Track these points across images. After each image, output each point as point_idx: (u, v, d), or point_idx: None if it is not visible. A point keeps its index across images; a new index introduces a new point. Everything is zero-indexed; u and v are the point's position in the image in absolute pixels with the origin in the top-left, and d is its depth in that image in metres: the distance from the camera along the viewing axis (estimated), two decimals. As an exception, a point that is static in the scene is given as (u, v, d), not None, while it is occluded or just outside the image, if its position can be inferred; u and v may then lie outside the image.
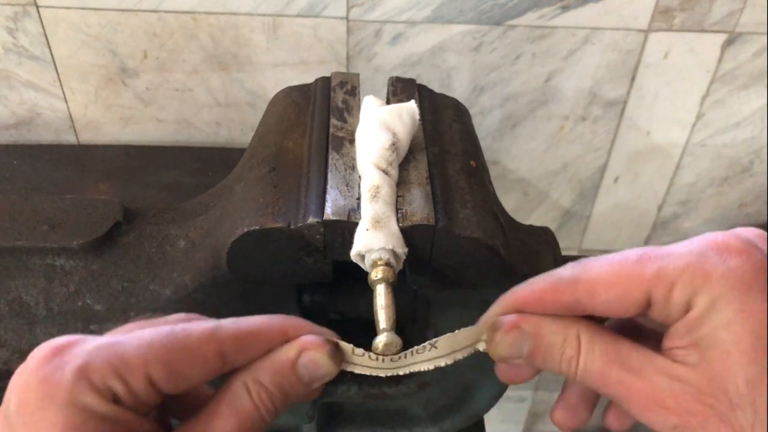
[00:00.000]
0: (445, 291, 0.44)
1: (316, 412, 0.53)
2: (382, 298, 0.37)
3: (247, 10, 0.72)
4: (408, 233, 0.39)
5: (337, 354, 0.34)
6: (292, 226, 0.40)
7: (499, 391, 0.52)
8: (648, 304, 0.32)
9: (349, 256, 0.39)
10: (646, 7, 0.74)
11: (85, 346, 0.30)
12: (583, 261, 0.34)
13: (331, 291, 0.49)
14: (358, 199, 0.40)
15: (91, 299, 0.46)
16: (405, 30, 0.74)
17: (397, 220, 0.39)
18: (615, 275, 0.32)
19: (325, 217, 0.39)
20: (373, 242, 0.38)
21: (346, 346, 0.34)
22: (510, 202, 0.91)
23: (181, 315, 0.34)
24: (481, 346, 0.35)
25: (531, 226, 0.49)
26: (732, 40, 0.77)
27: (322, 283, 0.43)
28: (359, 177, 0.42)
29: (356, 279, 0.40)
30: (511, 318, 0.34)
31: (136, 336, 0.31)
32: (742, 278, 0.30)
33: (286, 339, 0.33)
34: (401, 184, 0.42)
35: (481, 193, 0.44)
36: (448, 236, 0.40)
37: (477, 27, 0.74)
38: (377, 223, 0.38)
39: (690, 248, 0.32)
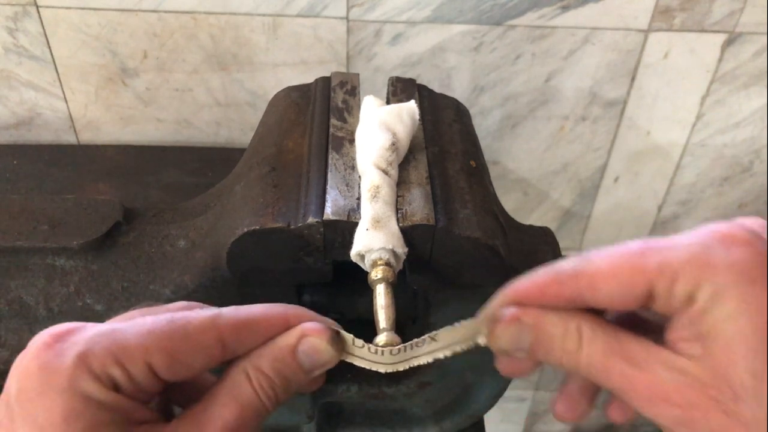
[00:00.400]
0: (445, 291, 0.44)
1: (316, 412, 0.53)
2: (382, 297, 0.37)
3: (247, 10, 0.72)
4: (408, 233, 0.39)
5: (338, 342, 0.34)
6: (292, 226, 0.40)
7: (499, 391, 0.52)
8: (650, 297, 0.31)
9: (349, 256, 0.39)
10: (646, 7, 0.74)
11: (86, 333, 0.30)
12: (585, 254, 0.33)
13: (331, 291, 0.49)
14: (358, 199, 0.40)
15: (91, 299, 0.46)
16: (405, 30, 0.74)
17: (397, 220, 0.39)
18: (617, 267, 0.31)
19: (325, 217, 0.39)
20: (373, 242, 0.38)
21: (347, 336, 0.34)
22: (510, 202, 0.91)
23: (182, 303, 0.34)
24: (482, 340, 0.35)
25: (531, 226, 0.49)
26: (732, 40, 0.77)
27: (322, 283, 0.43)
28: (359, 177, 0.42)
29: (356, 279, 0.40)
30: (511, 310, 0.33)
31: (136, 323, 0.31)
32: (746, 269, 0.30)
33: (287, 327, 0.33)
34: (401, 184, 0.42)
35: (481, 193, 0.44)
36: (448, 236, 0.40)
37: (477, 27, 0.74)
38: (377, 223, 0.38)
39: (693, 239, 0.31)
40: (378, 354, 0.34)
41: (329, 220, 0.39)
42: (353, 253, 0.39)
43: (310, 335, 0.33)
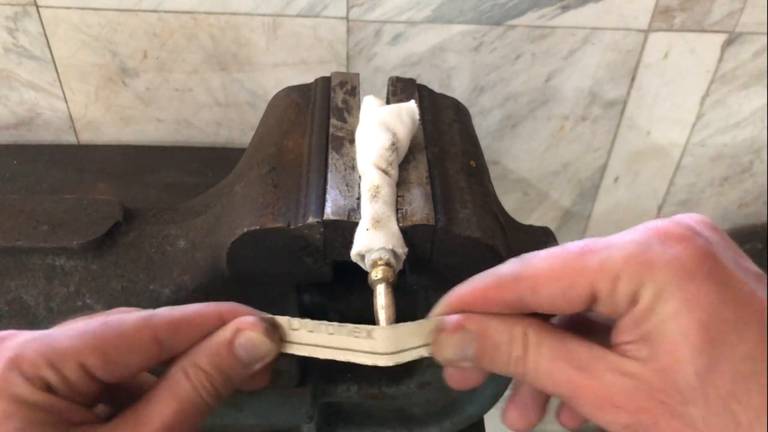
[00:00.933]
0: (445, 291, 0.44)
1: (316, 412, 0.53)
2: (382, 298, 0.37)
3: (247, 10, 0.72)
4: (408, 233, 0.39)
5: (275, 333, 0.34)
6: (292, 226, 0.40)
7: (499, 391, 0.52)
8: (593, 299, 0.31)
9: (349, 256, 0.39)
10: (646, 7, 0.74)
11: (17, 338, 0.30)
12: (525, 256, 0.33)
13: (331, 291, 0.49)
14: (358, 199, 0.40)
15: (91, 299, 0.46)
16: (405, 30, 0.74)
17: (397, 220, 0.39)
18: (557, 270, 0.31)
19: (325, 217, 0.39)
20: (373, 242, 0.38)
21: (283, 322, 0.34)
22: (510, 202, 0.91)
23: (121, 308, 0.35)
24: (426, 351, 0.34)
25: (531, 226, 0.49)
26: (732, 40, 0.77)
27: (322, 283, 0.43)
28: (359, 177, 0.42)
29: (356, 279, 0.40)
30: (455, 318, 0.33)
31: (69, 327, 0.31)
32: (686, 266, 0.29)
33: (222, 323, 0.33)
34: (401, 184, 0.42)
35: (481, 193, 0.44)
36: (448, 236, 0.40)
37: (477, 27, 0.74)
38: (377, 223, 0.38)
39: (632, 237, 0.31)
40: (315, 333, 0.34)
41: (329, 220, 0.39)
42: (353, 253, 0.39)
43: (245, 329, 0.33)
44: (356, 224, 0.39)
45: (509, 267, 0.32)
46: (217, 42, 0.75)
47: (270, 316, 0.34)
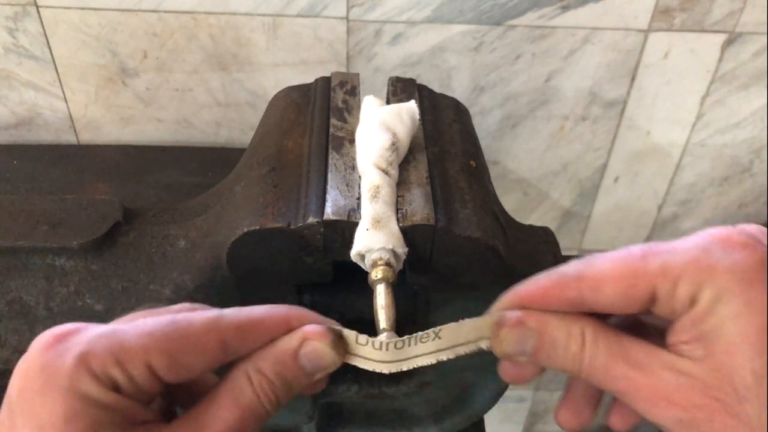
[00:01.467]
0: (445, 291, 0.44)
1: (316, 412, 0.53)
2: (382, 298, 0.37)
3: (247, 10, 0.72)
4: (408, 233, 0.39)
5: (340, 344, 0.33)
6: (292, 226, 0.40)
7: (499, 391, 0.52)
8: (652, 300, 0.32)
9: (349, 256, 0.39)
10: (646, 7, 0.74)
11: (87, 333, 0.30)
12: (587, 258, 0.33)
13: (331, 291, 0.49)
14: (358, 199, 0.40)
15: (91, 299, 0.46)
16: (405, 30, 0.74)
17: (397, 220, 0.39)
18: (619, 271, 0.32)
19: (325, 217, 0.39)
20: (373, 242, 0.38)
21: (350, 335, 0.34)
22: (510, 202, 0.91)
23: (185, 305, 0.34)
24: (485, 344, 0.35)
25: (531, 226, 0.49)
26: (732, 40, 0.77)
27: (322, 283, 0.43)
28: (359, 177, 0.42)
29: (356, 279, 0.40)
30: (515, 314, 0.34)
31: (137, 324, 0.31)
32: (747, 271, 0.30)
33: (289, 329, 0.33)
34: (401, 184, 0.42)
35: (481, 193, 0.44)
36: (448, 236, 0.40)
37: (477, 27, 0.74)
38: (377, 223, 0.38)
39: (694, 243, 0.32)
40: (381, 350, 0.34)
41: (329, 220, 0.39)
42: (353, 253, 0.39)
43: (311, 338, 0.33)
44: (356, 224, 0.39)
45: (572, 267, 0.33)
46: (217, 42, 0.75)
47: (338, 327, 0.34)
